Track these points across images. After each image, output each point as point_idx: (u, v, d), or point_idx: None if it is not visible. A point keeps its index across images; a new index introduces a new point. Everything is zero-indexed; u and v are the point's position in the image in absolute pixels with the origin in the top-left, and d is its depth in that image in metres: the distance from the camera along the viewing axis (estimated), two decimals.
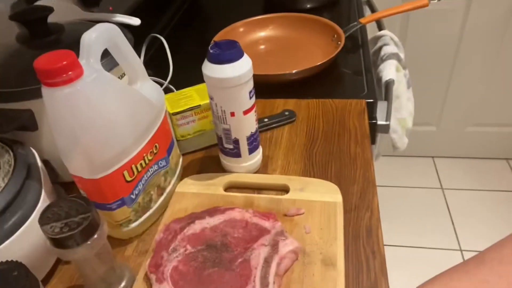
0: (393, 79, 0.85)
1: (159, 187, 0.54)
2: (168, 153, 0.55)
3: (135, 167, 0.48)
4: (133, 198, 0.50)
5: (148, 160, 0.51)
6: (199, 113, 0.65)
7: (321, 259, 0.46)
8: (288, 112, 0.70)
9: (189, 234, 0.48)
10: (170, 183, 0.57)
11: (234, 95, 0.52)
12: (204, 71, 0.51)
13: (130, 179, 0.48)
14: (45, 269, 0.49)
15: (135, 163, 0.48)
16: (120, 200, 0.48)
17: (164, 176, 0.55)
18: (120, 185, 0.47)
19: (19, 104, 0.52)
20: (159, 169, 0.53)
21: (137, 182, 0.50)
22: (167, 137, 0.55)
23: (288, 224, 0.51)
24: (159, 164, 0.53)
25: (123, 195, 0.48)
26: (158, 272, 0.45)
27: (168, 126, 0.57)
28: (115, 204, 0.48)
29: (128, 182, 0.48)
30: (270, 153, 0.64)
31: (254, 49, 0.92)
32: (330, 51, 0.83)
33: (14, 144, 0.51)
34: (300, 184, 0.56)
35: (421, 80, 1.72)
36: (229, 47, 0.50)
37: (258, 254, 0.44)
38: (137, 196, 0.50)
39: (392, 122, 0.84)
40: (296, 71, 0.76)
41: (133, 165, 0.48)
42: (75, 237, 0.38)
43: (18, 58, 0.55)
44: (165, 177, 0.56)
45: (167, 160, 0.55)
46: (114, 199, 0.48)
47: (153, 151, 0.51)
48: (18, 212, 0.44)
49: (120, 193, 0.48)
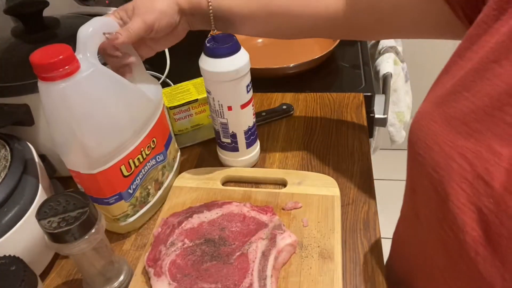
0: (391, 72, 0.85)
1: (156, 181, 0.54)
2: (166, 147, 0.55)
3: (132, 162, 0.48)
4: (130, 192, 0.49)
5: (146, 154, 0.50)
6: (197, 107, 0.65)
7: (318, 252, 0.46)
8: (285, 106, 0.70)
9: (187, 228, 0.48)
10: (168, 177, 0.57)
11: (232, 89, 0.52)
12: (201, 65, 0.51)
13: (127, 174, 0.48)
14: (43, 264, 0.49)
15: (133, 158, 0.48)
16: (118, 194, 0.48)
17: (162, 170, 0.55)
18: (117, 179, 0.47)
19: (15, 99, 0.51)
20: (156, 164, 0.53)
21: (135, 177, 0.49)
22: (165, 131, 0.55)
23: (286, 217, 0.51)
24: (156, 159, 0.53)
25: (120, 190, 0.48)
26: (156, 266, 0.45)
27: (166, 121, 0.56)
28: (112, 199, 0.48)
29: (126, 177, 0.48)
30: (268, 147, 0.64)
31: (252, 43, 0.91)
32: (327, 44, 0.83)
33: (10, 139, 0.50)
34: (298, 178, 0.56)
35: (419, 73, 1.71)
36: (226, 40, 0.50)
37: (256, 247, 0.45)
38: (135, 190, 0.50)
39: (389, 116, 0.84)
40: (293, 65, 0.76)
41: (131, 160, 0.48)
42: (73, 232, 0.38)
43: (14, 53, 0.55)
44: (163, 171, 0.55)
45: (165, 155, 0.55)
46: (111, 194, 0.48)
47: (150, 146, 0.51)
48: (15, 207, 0.44)
49: (117, 188, 0.48)
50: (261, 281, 0.42)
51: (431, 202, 0.33)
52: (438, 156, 0.31)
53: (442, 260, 0.34)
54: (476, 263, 0.28)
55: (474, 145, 0.29)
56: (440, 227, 0.32)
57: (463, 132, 0.30)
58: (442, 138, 0.31)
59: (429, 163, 0.32)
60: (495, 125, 0.28)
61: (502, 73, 0.29)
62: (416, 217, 0.38)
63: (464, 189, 0.29)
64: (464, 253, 0.29)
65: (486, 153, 0.28)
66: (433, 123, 0.33)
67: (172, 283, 0.43)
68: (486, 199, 0.27)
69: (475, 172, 0.28)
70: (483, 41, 0.31)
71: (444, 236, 0.32)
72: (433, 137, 0.32)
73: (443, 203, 0.30)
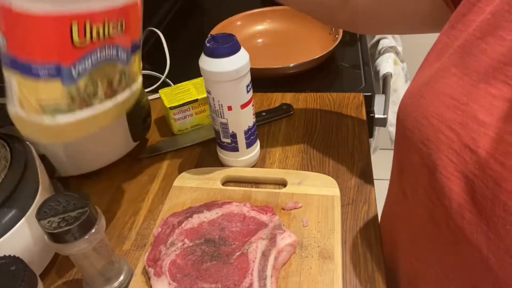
0: (391, 72, 0.85)
1: (110, 84, 0.42)
2: (132, 51, 0.45)
3: (89, 28, 0.36)
4: (73, 74, 0.36)
5: (108, 33, 0.39)
6: (197, 107, 0.65)
7: (318, 252, 0.46)
8: (285, 106, 0.70)
9: (187, 228, 0.48)
10: (124, 91, 0.45)
11: (232, 89, 0.52)
12: (201, 65, 0.51)
13: (78, 41, 0.35)
14: (43, 264, 0.49)
15: (92, 22, 0.36)
16: (55, 66, 0.35)
17: (120, 75, 0.44)
18: (62, 41, 0.34)
19: None
20: (116, 59, 0.42)
21: (86, 54, 0.37)
22: (135, 28, 0.45)
23: (286, 217, 0.51)
24: (118, 52, 0.42)
25: (60, 60, 0.35)
26: (156, 266, 0.45)
27: (140, 20, 0.45)
28: (44, 69, 0.35)
29: (75, 46, 0.35)
30: (268, 147, 0.64)
31: (252, 43, 0.91)
32: (327, 44, 0.83)
33: (10, 139, 0.50)
34: (298, 178, 0.56)
35: None
36: (226, 40, 0.50)
37: (255, 247, 0.45)
38: (80, 75, 0.37)
39: (389, 116, 0.84)
40: (293, 64, 0.76)
41: (88, 23, 0.36)
42: (73, 232, 0.38)
43: None
44: (120, 77, 0.44)
45: (128, 58, 0.44)
46: (45, 59, 0.34)
47: (117, 27, 0.40)
48: (16, 207, 0.44)
49: (56, 54, 0.35)
50: (261, 281, 0.42)
51: (419, 176, 0.34)
52: (427, 129, 0.33)
53: (428, 230, 0.35)
54: (463, 228, 0.30)
55: (461, 117, 0.30)
56: (427, 198, 0.33)
57: (451, 106, 0.31)
58: (430, 112, 0.33)
59: (418, 137, 0.33)
60: (481, 97, 0.30)
61: (487, 49, 0.30)
62: (403, 195, 0.39)
63: (451, 159, 0.30)
64: (451, 220, 0.31)
65: (472, 123, 0.29)
66: (421, 99, 0.34)
67: (172, 283, 0.43)
68: (472, 165, 0.29)
69: (461, 142, 0.30)
70: (468, 20, 0.33)
71: (431, 206, 0.33)
72: (422, 112, 0.33)
73: (431, 175, 0.32)
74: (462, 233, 0.30)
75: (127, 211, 0.57)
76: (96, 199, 0.58)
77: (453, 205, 0.30)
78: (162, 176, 0.61)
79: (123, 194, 0.59)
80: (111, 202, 0.58)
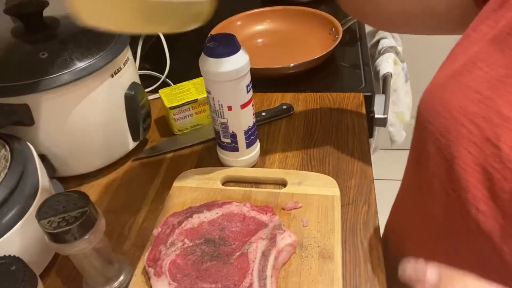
0: (391, 72, 0.85)
1: None
2: None
3: None
4: None
5: None
6: (197, 107, 0.65)
7: (318, 252, 0.46)
8: (285, 106, 0.70)
9: (187, 228, 0.48)
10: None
11: (232, 89, 0.52)
12: (201, 65, 0.51)
13: None
14: (43, 264, 0.49)
15: None
16: None
17: None
18: None
19: (15, 98, 0.51)
20: None
21: None
22: None
23: (286, 217, 0.51)
24: None
25: None
26: (156, 266, 0.45)
27: None
28: None
29: None
30: (268, 147, 0.64)
31: (252, 43, 0.91)
32: (327, 44, 0.83)
33: (10, 139, 0.50)
34: (298, 178, 0.56)
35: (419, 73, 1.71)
36: (226, 40, 0.50)
37: (255, 247, 0.45)
38: None
39: (389, 116, 0.84)
40: (293, 64, 0.76)
41: None
42: (73, 232, 0.38)
43: (14, 52, 0.55)
44: None
45: None
46: None
47: None
48: (15, 207, 0.44)
49: None
50: (261, 281, 0.42)
51: (435, 168, 0.34)
52: (447, 122, 0.33)
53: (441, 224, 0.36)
54: (477, 220, 0.30)
55: (484, 111, 0.30)
56: (442, 190, 0.34)
57: (475, 100, 0.31)
58: (453, 105, 0.33)
59: (438, 129, 0.34)
60: (507, 92, 0.30)
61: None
62: (418, 189, 0.39)
63: (470, 152, 0.30)
64: (465, 211, 0.31)
65: (496, 118, 0.29)
66: (445, 92, 0.34)
67: (172, 283, 0.43)
68: (492, 158, 0.29)
69: (483, 136, 0.30)
70: (498, 16, 0.33)
71: (446, 198, 0.33)
72: (445, 105, 0.33)
73: (448, 166, 0.32)
74: (476, 225, 0.30)
75: (127, 211, 0.57)
76: (96, 199, 0.58)
77: (469, 197, 0.30)
78: (162, 176, 0.61)
79: (123, 194, 0.59)
80: (111, 202, 0.58)
